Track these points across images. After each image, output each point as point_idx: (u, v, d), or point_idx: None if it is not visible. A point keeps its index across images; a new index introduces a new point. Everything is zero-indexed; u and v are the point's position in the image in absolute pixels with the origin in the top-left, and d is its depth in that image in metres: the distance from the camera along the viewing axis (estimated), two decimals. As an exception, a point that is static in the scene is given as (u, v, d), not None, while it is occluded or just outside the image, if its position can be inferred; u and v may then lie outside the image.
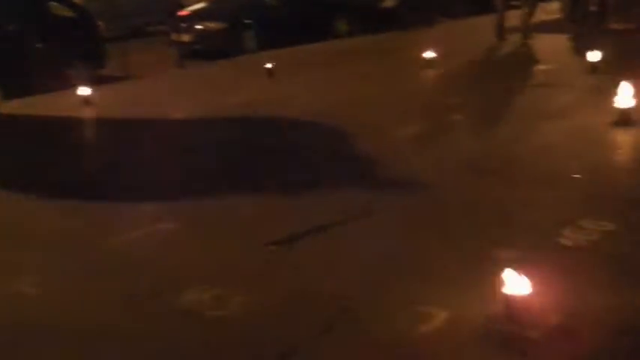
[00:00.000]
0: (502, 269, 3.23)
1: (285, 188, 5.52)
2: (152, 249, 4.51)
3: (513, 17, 12.66)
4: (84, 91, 9.37)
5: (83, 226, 5.01)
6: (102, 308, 3.77)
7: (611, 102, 6.59)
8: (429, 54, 10.39)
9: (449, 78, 9.76)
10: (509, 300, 3.22)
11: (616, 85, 6.63)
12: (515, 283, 3.20)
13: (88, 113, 9.01)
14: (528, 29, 12.41)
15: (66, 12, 11.95)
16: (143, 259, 4.35)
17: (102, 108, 9.14)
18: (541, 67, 10.46)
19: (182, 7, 16.11)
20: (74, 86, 9.65)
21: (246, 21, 14.04)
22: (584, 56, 9.28)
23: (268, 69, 10.60)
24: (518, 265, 3.21)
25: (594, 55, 9.02)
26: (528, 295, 3.20)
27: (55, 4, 11.89)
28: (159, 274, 4.11)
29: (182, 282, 3.94)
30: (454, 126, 7.33)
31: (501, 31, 12.47)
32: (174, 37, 13.50)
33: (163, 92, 10.32)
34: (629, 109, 6.44)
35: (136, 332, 3.49)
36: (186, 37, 13.61)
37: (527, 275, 3.20)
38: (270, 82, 10.30)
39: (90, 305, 3.82)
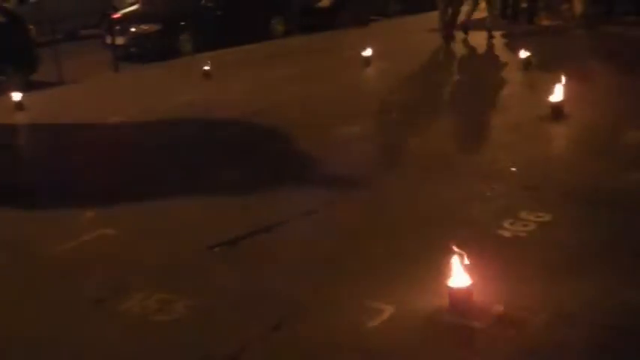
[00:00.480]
0: (444, 262, 3.29)
1: (226, 189, 5.49)
2: (94, 255, 4.43)
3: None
4: (16, 96, 9.15)
5: (23, 235, 4.89)
6: (45, 316, 3.69)
7: (544, 96, 6.77)
8: (366, 52, 10.49)
9: (387, 76, 9.86)
10: (452, 292, 3.28)
11: (547, 80, 6.80)
12: (458, 276, 3.27)
13: (21, 119, 8.81)
14: (464, 27, 12.61)
15: (-5, 16, 11.65)
16: (86, 266, 4.26)
17: (35, 113, 8.94)
18: (475, 63, 10.66)
19: (116, 9, 15.87)
20: (5, 92, 9.40)
21: (182, 23, 13.92)
22: (516, 52, 9.49)
23: (205, 71, 10.54)
24: (460, 258, 3.28)
25: (526, 52, 9.24)
26: (471, 286, 3.27)
27: (-17, 8, 11.58)
28: (102, 280, 4.04)
29: (126, 287, 3.89)
30: (393, 123, 7.42)
31: (444, 29, 12.53)
32: (108, 40, 13.26)
33: (98, 96, 10.14)
34: (560, 103, 6.62)
35: (80, 339, 3.43)
36: (120, 40, 13.37)
37: (468, 267, 3.27)
38: (207, 83, 10.23)
39: (33, 313, 3.73)
